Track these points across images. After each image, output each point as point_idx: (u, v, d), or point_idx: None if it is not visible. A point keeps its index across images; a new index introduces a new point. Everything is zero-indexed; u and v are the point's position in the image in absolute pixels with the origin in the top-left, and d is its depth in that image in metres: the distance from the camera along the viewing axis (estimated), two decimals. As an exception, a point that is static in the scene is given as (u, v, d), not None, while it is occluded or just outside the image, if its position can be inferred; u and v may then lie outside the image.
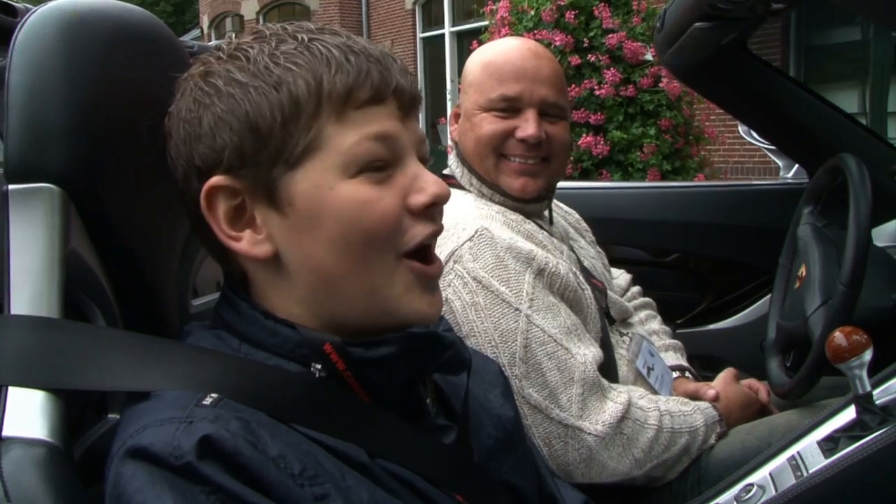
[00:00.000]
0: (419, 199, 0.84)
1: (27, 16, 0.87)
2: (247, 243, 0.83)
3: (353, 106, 0.82)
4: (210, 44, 1.96)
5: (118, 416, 0.84)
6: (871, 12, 1.36)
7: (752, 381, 1.75)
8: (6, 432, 0.73)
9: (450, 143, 1.76)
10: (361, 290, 0.83)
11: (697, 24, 1.80)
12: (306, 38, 0.83)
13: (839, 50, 8.55)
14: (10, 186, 0.82)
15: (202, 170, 0.83)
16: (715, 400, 1.63)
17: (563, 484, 1.18)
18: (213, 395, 0.74)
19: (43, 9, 0.88)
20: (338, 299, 0.84)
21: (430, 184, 0.85)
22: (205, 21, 20.34)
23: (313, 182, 0.81)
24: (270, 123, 0.80)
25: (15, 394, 0.75)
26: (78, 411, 0.92)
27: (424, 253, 0.86)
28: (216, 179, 0.82)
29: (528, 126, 1.57)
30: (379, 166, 0.83)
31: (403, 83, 0.85)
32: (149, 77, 0.95)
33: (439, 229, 0.88)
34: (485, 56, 1.67)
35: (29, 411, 0.75)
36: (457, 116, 1.71)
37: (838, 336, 1.15)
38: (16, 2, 1.70)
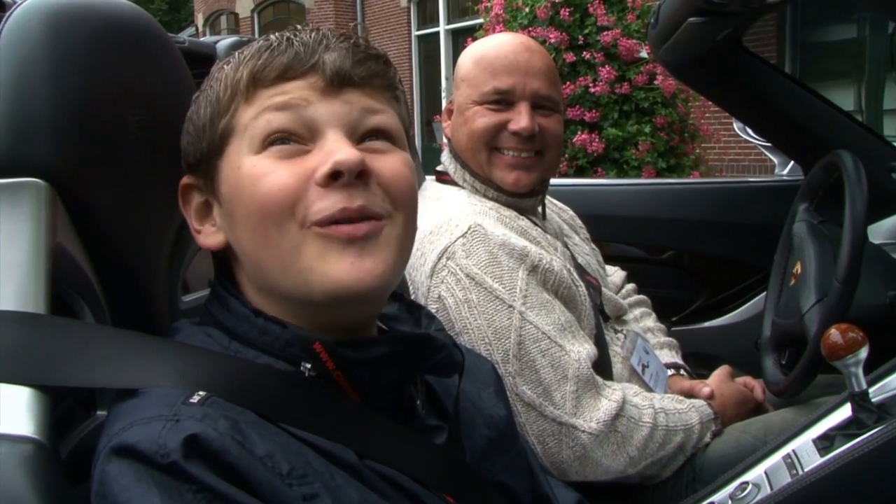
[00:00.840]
0: (321, 170, 0.80)
1: (13, 9, 0.86)
2: (203, 235, 0.89)
3: (262, 85, 0.83)
4: (202, 39, 1.95)
5: (107, 413, 0.83)
6: (872, 3, 1.36)
7: (748, 379, 1.75)
8: (-9, 429, 0.72)
9: (444, 140, 1.75)
10: (276, 267, 0.82)
11: (692, 19, 1.79)
12: (261, 39, 0.87)
13: (835, 47, 8.56)
14: None
15: (184, 173, 0.91)
16: (710, 398, 1.62)
17: (556, 483, 1.17)
18: (201, 393, 0.73)
19: (29, 2, 0.87)
20: (268, 283, 0.84)
21: (335, 153, 0.80)
22: (199, 19, 20.31)
23: (229, 164, 0.84)
24: (204, 121, 0.86)
25: (1, 390, 0.74)
26: (66, 408, 0.91)
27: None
28: (184, 179, 0.90)
29: (521, 119, 1.57)
30: (284, 138, 0.82)
31: (328, 58, 0.83)
32: (137, 72, 0.94)
33: (353, 207, 0.80)
34: (477, 51, 1.66)
35: (14, 408, 0.74)
36: (450, 112, 1.70)
37: (834, 333, 1.14)
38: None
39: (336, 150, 0.80)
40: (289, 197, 0.80)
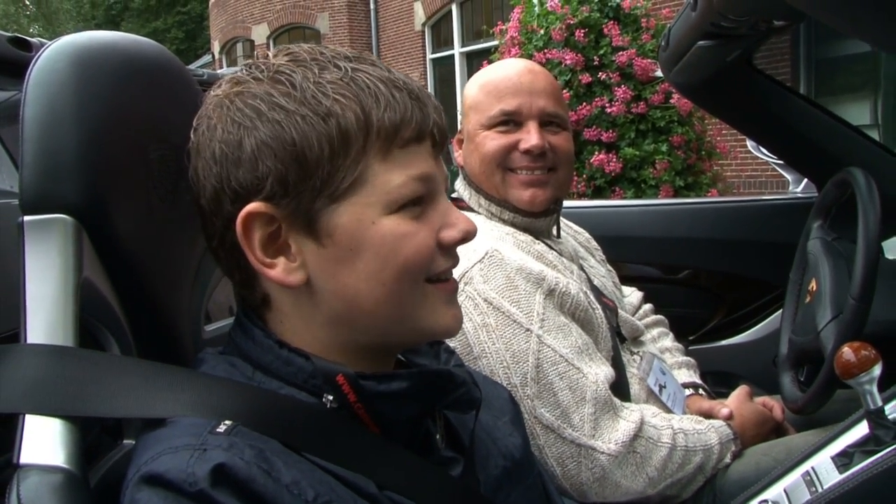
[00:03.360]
0: (451, 235, 0.87)
1: (41, 50, 0.89)
2: (281, 271, 0.83)
3: (398, 145, 0.83)
4: (220, 71, 1.99)
5: (133, 442, 0.85)
6: (876, 39, 1.36)
7: (767, 399, 1.75)
8: (24, 459, 0.74)
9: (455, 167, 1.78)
10: (393, 317, 0.86)
11: (701, 42, 1.81)
12: (349, 69, 0.82)
13: (849, 62, 8.53)
14: (25, 218, 0.84)
15: (239, 194, 0.81)
16: (729, 419, 1.62)
17: None
18: (227, 422, 0.75)
19: (56, 43, 0.90)
20: (366, 325, 0.86)
21: (461, 221, 0.88)
22: (216, 47, 20.51)
23: (356, 216, 0.82)
24: (318, 154, 0.79)
25: (32, 421, 0.76)
26: (94, 437, 0.93)
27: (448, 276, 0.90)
28: (256, 206, 0.81)
29: (530, 137, 1.60)
30: (416, 202, 0.85)
31: (439, 121, 0.87)
32: (158, 107, 0.96)
33: (458, 261, 0.92)
34: (481, 78, 1.70)
35: (46, 439, 0.76)
36: (460, 142, 1.73)
37: (846, 352, 1.15)
38: (30, 36, 1.74)
39: (458, 216, 0.89)
40: (430, 256, 0.86)
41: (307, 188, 0.80)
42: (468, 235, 0.88)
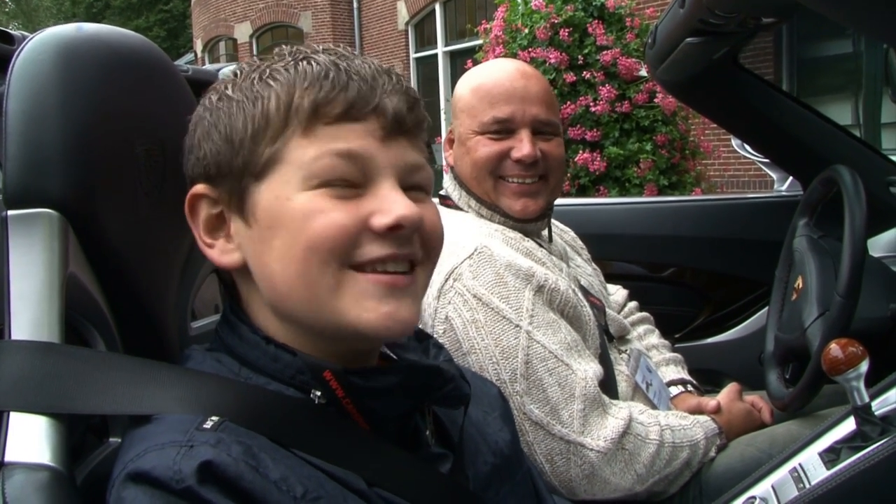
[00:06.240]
0: (381, 221, 0.81)
1: (24, 43, 0.88)
2: (217, 251, 0.87)
3: (322, 121, 0.82)
4: (205, 67, 1.98)
5: (119, 440, 0.84)
6: (863, 26, 1.37)
7: (756, 399, 1.74)
8: (9, 457, 0.74)
9: (445, 163, 1.76)
10: (305, 301, 0.82)
11: (689, 39, 1.81)
12: (300, 56, 0.85)
13: (832, 62, 8.60)
14: (10, 212, 0.83)
15: (192, 179, 0.88)
16: (716, 411, 1.63)
17: (564, 503, 1.18)
18: (214, 418, 0.74)
19: (40, 36, 0.89)
20: (290, 311, 0.84)
21: (396, 206, 0.82)
22: (198, 45, 20.42)
23: (274, 193, 0.82)
24: (242, 135, 0.83)
25: (17, 419, 0.75)
26: (79, 436, 0.92)
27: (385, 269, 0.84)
28: (197, 188, 0.87)
29: (522, 146, 1.58)
30: (343, 184, 0.82)
31: (389, 103, 0.84)
32: (144, 101, 0.96)
33: (402, 254, 0.84)
34: (473, 80, 1.68)
35: (31, 436, 0.75)
36: (451, 142, 1.71)
37: (834, 348, 1.15)
38: (12, 29, 1.72)
39: (395, 201, 0.82)
40: (344, 238, 0.81)
41: (235, 167, 0.83)
42: (402, 221, 0.81)
